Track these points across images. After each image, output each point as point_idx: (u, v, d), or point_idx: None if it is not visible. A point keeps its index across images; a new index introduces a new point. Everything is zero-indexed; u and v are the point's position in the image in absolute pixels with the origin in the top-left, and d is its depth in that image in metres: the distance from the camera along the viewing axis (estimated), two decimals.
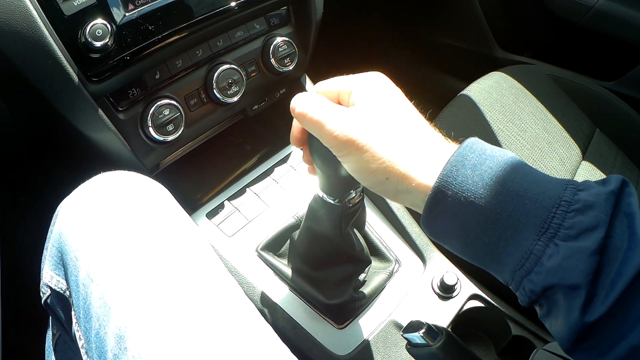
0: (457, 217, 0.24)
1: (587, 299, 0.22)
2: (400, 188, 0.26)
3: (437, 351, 0.34)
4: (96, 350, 0.33)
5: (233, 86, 0.48)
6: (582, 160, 0.64)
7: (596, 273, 0.22)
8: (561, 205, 0.23)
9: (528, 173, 0.24)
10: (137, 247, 0.34)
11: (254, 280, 0.45)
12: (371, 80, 0.29)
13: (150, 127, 0.44)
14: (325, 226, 0.37)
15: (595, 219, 0.22)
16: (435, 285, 0.48)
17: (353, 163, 0.28)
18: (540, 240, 0.22)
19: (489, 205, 0.23)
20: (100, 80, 0.40)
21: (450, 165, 0.25)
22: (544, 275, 0.23)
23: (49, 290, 0.39)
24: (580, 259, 0.22)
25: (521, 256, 0.23)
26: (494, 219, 0.23)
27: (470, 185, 0.24)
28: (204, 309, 0.33)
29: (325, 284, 0.42)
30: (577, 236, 0.22)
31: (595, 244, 0.22)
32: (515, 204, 0.23)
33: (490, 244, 0.24)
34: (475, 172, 0.24)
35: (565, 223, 0.22)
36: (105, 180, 0.38)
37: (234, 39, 0.49)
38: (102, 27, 0.38)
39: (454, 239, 0.25)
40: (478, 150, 0.25)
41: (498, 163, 0.24)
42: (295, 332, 0.42)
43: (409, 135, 0.27)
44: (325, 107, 0.29)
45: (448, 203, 0.24)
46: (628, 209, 0.23)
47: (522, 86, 0.67)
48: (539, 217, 0.23)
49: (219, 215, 0.49)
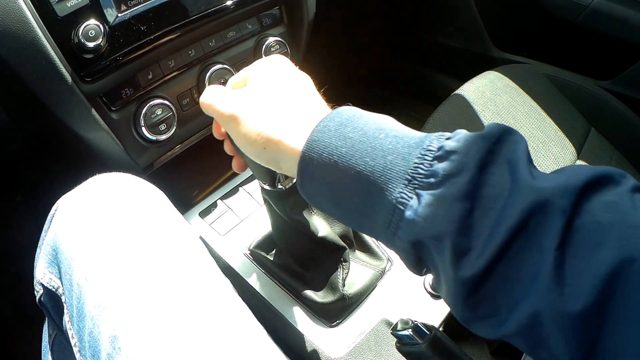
0: (327, 180, 0.24)
1: (458, 251, 0.20)
2: (276, 156, 0.27)
3: (425, 349, 0.34)
4: (89, 350, 0.33)
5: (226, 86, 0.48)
6: (577, 160, 0.64)
7: (464, 221, 0.20)
8: (425, 155, 0.21)
9: (398, 130, 0.23)
10: (132, 248, 0.35)
11: (246, 279, 0.45)
12: (268, 64, 0.31)
13: (143, 126, 0.44)
14: (280, 211, 0.38)
15: (459, 164, 0.20)
16: (428, 284, 0.48)
17: (235, 135, 0.29)
18: (403, 192, 0.21)
19: (354, 164, 0.23)
20: (94, 80, 0.41)
21: (317, 130, 0.25)
22: (408, 229, 0.21)
23: (42, 289, 0.39)
24: (441, 205, 0.20)
25: (388, 212, 0.22)
26: (360, 178, 0.23)
27: (335, 146, 0.23)
28: (197, 309, 0.33)
29: (315, 282, 0.43)
30: (440, 184, 0.21)
31: (458, 190, 0.20)
32: (379, 160, 0.22)
33: (360, 205, 0.23)
34: (340, 132, 0.24)
35: (427, 171, 0.21)
36: (102, 181, 0.39)
37: (226, 39, 0.49)
38: (95, 27, 0.38)
39: (327, 203, 0.25)
40: (348, 113, 0.25)
41: (366, 123, 0.24)
42: (286, 331, 0.43)
43: (286, 107, 0.28)
44: (218, 92, 0.31)
45: (315, 165, 0.24)
46: (511, 156, 0.21)
47: (517, 85, 0.67)
48: (404, 169, 0.21)
49: (211, 214, 0.49)
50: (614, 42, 0.78)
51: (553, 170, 0.22)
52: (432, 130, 0.60)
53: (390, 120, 0.25)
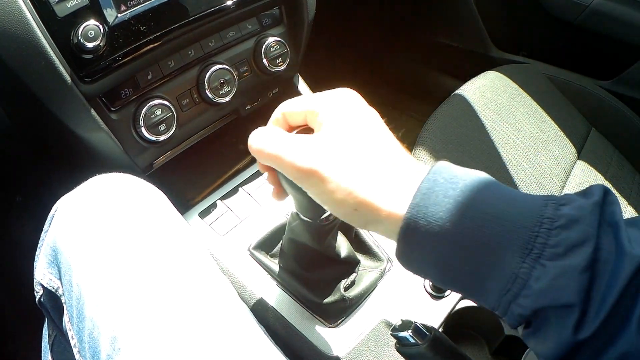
0: (434, 249, 0.23)
1: (580, 317, 0.21)
2: (370, 219, 0.25)
3: (425, 350, 0.34)
4: (89, 351, 0.33)
5: (225, 86, 0.48)
6: (578, 160, 0.64)
7: (588, 290, 0.21)
8: (544, 222, 0.21)
9: (504, 193, 0.23)
10: (132, 249, 0.35)
11: (246, 280, 0.45)
12: (339, 101, 0.27)
13: (142, 127, 0.44)
14: (306, 239, 0.37)
15: (582, 233, 0.21)
16: (427, 285, 0.48)
17: (318, 195, 0.26)
18: (525, 263, 0.21)
19: (465, 232, 0.22)
20: (93, 80, 0.41)
21: (420, 193, 0.23)
22: (533, 298, 0.21)
23: (42, 289, 0.39)
24: (572, 277, 0.21)
25: (506, 281, 0.22)
26: (472, 246, 0.22)
27: (443, 212, 0.22)
28: (197, 310, 0.33)
29: (316, 284, 0.43)
30: (565, 253, 0.21)
31: (585, 260, 0.21)
32: (493, 227, 0.22)
33: (471, 273, 0.23)
34: (446, 198, 0.23)
35: (551, 241, 0.21)
36: (101, 182, 0.39)
37: (226, 39, 0.49)
38: (95, 28, 0.38)
39: (433, 270, 0.24)
40: (448, 173, 0.24)
41: (471, 186, 0.23)
42: (287, 332, 0.43)
43: (376, 162, 0.25)
44: (282, 138, 0.27)
45: (422, 234, 0.23)
46: (612, 219, 0.22)
47: (517, 85, 0.67)
48: (521, 238, 0.21)
49: (211, 215, 0.49)
50: (614, 42, 0.78)
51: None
52: (432, 130, 0.60)
53: (490, 180, 0.24)
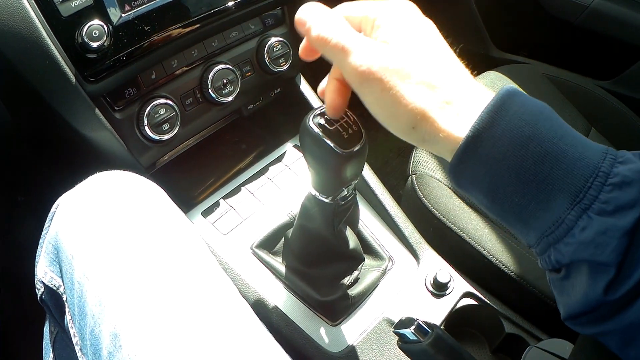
0: (488, 172, 0.23)
1: (613, 279, 0.21)
2: (428, 137, 0.24)
3: (427, 347, 0.34)
4: (91, 348, 0.33)
5: (228, 86, 0.48)
6: None
7: (625, 253, 0.21)
8: (599, 176, 0.21)
9: (566, 133, 0.22)
10: (133, 246, 0.35)
11: (249, 278, 0.45)
12: (399, 10, 0.26)
13: (146, 126, 0.44)
14: (318, 224, 0.37)
15: (633, 197, 0.21)
16: (429, 283, 0.48)
17: (376, 104, 0.25)
18: (574, 210, 0.21)
19: (523, 164, 0.22)
20: (97, 80, 0.41)
21: (486, 113, 0.22)
22: (574, 247, 0.22)
23: (43, 287, 0.39)
24: (614, 236, 0.21)
25: (552, 223, 0.22)
26: (527, 179, 0.22)
27: (504, 140, 0.22)
28: (198, 308, 0.34)
29: (319, 282, 0.43)
30: (613, 212, 0.21)
31: (630, 223, 0.21)
32: (551, 167, 0.22)
33: (520, 205, 0.22)
34: (511, 125, 0.22)
35: (602, 196, 0.21)
36: (103, 179, 0.39)
37: (229, 39, 0.49)
38: (99, 27, 0.38)
39: (481, 193, 0.24)
40: (514, 103, 0.23)
41: (535, 118, 0.22)
42: (289, 329, 0.43)
43: (439, 78, 0.24)
44: (350, 34, 0.25)
45: (480, 156, 0.23)
46: None
47: (517, 85, 0.67)
48: (575, 185, 0.21)
49: (214, 214, 0.49)
50: (613, 42, 0.78)
51: None
52: None
53: (553, 115, 0.23)
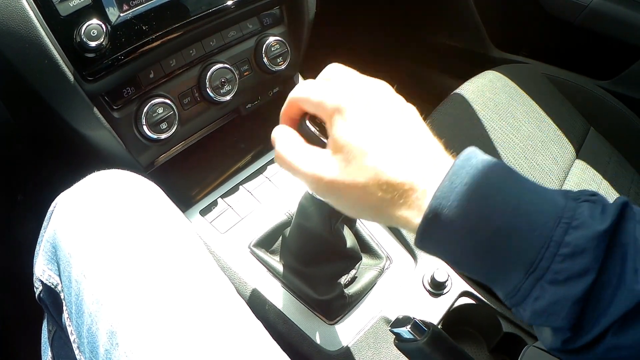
0: (448, 252, 0.25)
1: (569, 337, 0.22)
2: (391, 223, 0.26)
3: (423, 346, 0.34)
4: (88, 346, 0.33)
5: (226, 85, 0.48)
6: (576, 159, 0.65)
7: (579, 317, 0.22)
8: (550, 246, 0.22)
9: (520, 202, 0.23)
10: (131, 245, 0.35)
11: (246, 277, 0.45)
12: (356, 105, 0.27)
13: (144, 125, 0.44)
14: (315, 223, 0.38)
15: (585, 266, 0.21)
16: (426, 282, 0.48)
17: (336, 206, 0.28)
18: (528, 280, 0.22)
19: (478, 242, 0.23)
20: (96, 79, 0.41)
21: (434, 201, 0.23)
22: (530, 314, 0.23)
23: (41, 285, 0.39)
24: (565, 305, 0.22)
25: (511, 289, 0.23)
26: (485, 254, 0.24)
27: (457, 224, 0.23)
28: (195, 306, 0.34)
29: (316, 280, 0.43)
30: (565, 281, 0.22)
31: (581, 292, 0.21)
32: (504, 241, 0.23)
33: (482, 273, 0.25)
34: (460, 208, 0.23)
35: (554, 267, 0.22)
36: (101, 178, 0.39)
37: (227, 38, 0.49)
38: (97, 27, 0.39)
39: (447, 260, 0.26)
40: (464, 180, 0.23)
41: (484, 195, 0.23)
42: (286, 328, 0.43)
43: (391, 173, 0.25)
44: (297, 150, 0.28)
45: (437, 239, 0.24)
46: (623, 238, 0.22)
47: (516, 85, 0.67)
48: (528, 256, 0.22)
49: (212, 212, 0.49)
50: (613, 42, 0.78)
51: None
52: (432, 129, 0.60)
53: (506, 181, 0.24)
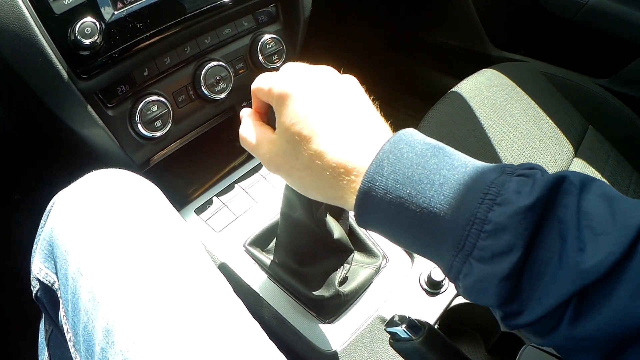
0: (384, 230, 0.26)
1: (508, 314, 0.22)
2: (336, 203, 0.28)
3: (419, 345, 0.34)
4: (84, 344, 0.33)
5: (221, 83, 0.48)
6: (575, 157, 0.64)
7: (511, 293, 0.21)
8: (475, 223, 0.22)
9: (446, 179, 0.23)
10: (127, 243, 0.35)
11: (242, 275, 0.45)
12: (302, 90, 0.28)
13: (138, 123, 0.44)
14: (300, 212, 0.38)
15: (507, 243, 0.21)
16: (423, 281, 0.48)
17: (289, 185, 0.30)
18: (458, 257, 0.23)
19: (407, 222, 0.24)
20: (90, 77, 0.41)
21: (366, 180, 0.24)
22: (463, 290, 0.24)
23: (38, 284, 0.39)
24: (492, 284, 0.21)
25: (446, 266, 0.24)
26: (416, 234, 0.24)
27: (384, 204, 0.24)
28: (191, 304, 0.34)
29: (311, 279, 0.43)
30: (491, 259, 0.21)
31: (506, 270, 0.21)
32: (431, 221, 0.23)
33: (420, 251, 0.25)
34: (387, 189, 0.24)
35: (479, 244, 0.22)
36: (98, 177, 0.39)
37: (222, 36, 0.49)
38: (92, 25, 0.39)
39: (387, 237, 0.26)
40: (391, 161, 0.24)
41: (408, 176, 0.24)
42: (282, 328, 0.43)
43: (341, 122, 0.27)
44: (254, 133, 0.31)
45: (371, 219, 0.25)
46: (562, 215, 0.21)
47: (514, 83, 0.67)
48: (456, 233, 0.22)
49: (207, 211, 0.49)
50: (611, 40, 0.78)
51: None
52: (428, 127, 0.60)
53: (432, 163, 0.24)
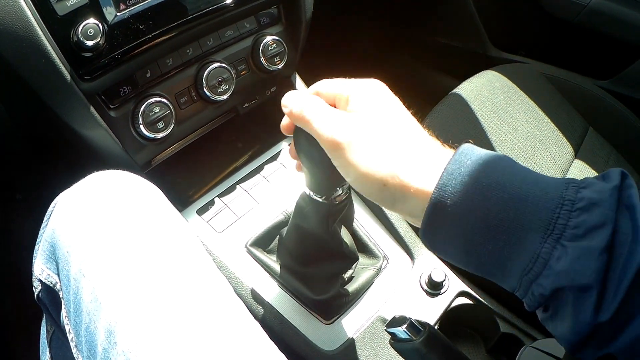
0: (459, 227, 0.24)
1: (599, 299, 0.21)
2: (398, 196, 0.26)
3: (419, 346, 0.34)
4: (86, 344, 0.33)
5: (223, 84, 0.48)
6: (575, 159, 0.64)
7: (605, 271, 0.21)
8: (565, 204, 0.22)
9: (527, 175, 0.24)
10: (129, 244, 0.35)
11: (243, 276, 0.45)
12: (369, 88, 0.29)
13: (141, 124, 0.44)
14: (313, 223, 0.37)
15: (602, 216, 0.22)
16: (424, 282, 0.48)
17: (345, 168, 0.27)
18: (547, 243, 0.22)
19: (490, 212, 0.23)
20: (92, 78, 0.41)
21: (447, 173, 0.24)
22: (553, 278, 0.22)
23: (40, 285, 0.39)
24: (591, 258, 0.21)
25: (528, 261, 0.23)
26: (496, 225, 0.23)
27: (469, 192, 0.23)
28: (193, 305, 0.34)
29: (313, 280, 0.43)
30: (585, 235, 0.22)
31: (604, 242, 0.21)
32: (517, 208, 0.23)
33: (494, 252, 0.23)
34: (472, 178, 0.24)
35: (571, 222, 0.22)
36: (100, 178, 0.39)
37: (224, 37, 0.49)
38: (94, 26, 0.39)
39: (456, 249, 0.25)
40: (474, 155, 0.25)
41: (494, 167, 0.24)
42: (283, 328, 0.43)
43: (405, 143, 0.27)
44: (321, 107, 0.29)
45: (448, 213, 0.24)
46: (629, 201, 0.22)
47: (514, 85, 0.67)
48: (543, 219, 0.22)
49: (209, 212, 0.49)
50: (612, 41, 0.78)
51: None
52: (430, 128, 0.60)
53: (512, 162, 0.25)
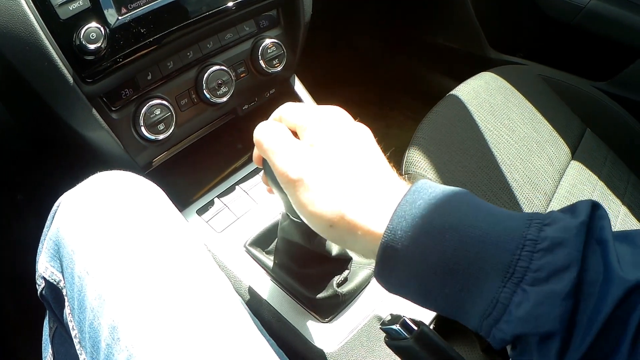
0: (412, 271, 0.22)
1: (563, 345, 0.20)
2: (346, 237, 0.25)
3: (413, 344, 0.35)
4: (89, 341, 0.34)
5: (222, 87, 0.49)
6: (572, 160, 0.65)
7: (571, 316, 0.20)
8: (526, 245, 0.20)
9: (487, 213, 0.22)
10: (132, 243, 0.36)
11: (242, 275, 0.46)
12: (328, 118, 0.28)
13: (142, 126, 0.45)
14: (296, 237, 0.38)
15: (567, 257, 0.20)
16: None
17: (296, 204, 0.26)
18: (507, 287, 0.20)
19: (445, 255, 0.21)
20: (94, 81, 0.42)
21: (397, 216, 0.22)
22: (514, 324, 0.21)
23: (44, 282, 0.40)
24: (554, 304, 0.20)
25: (487, 305, 0.21)
26: (452, 270, 0.21)
27: (421, 236, 0.22)
28: (194, 303, 0.34)
29: (310, 280, 0.44)
30: (548, 279, 0.20)
31: (569, 285, 0.20)
32: (475, 251, 0.21)
33: (451, 295, 0.22)
34: (424, 220, 0.22)
35: (533, 265, 0.20)
36: (103, 179, 0.40)
37: (223, 40, 0.50)
38: (96, 30, 0.39)
39: (412, 293, 0.24)
40: (426, 194, 0.23)
41: (450, 207, 0.22)
42: (281, 326, 0.44)
43: (357, 180, 0.25)
44: (280, 139, 0.27)
45: (400, 257, 0.22)
46: (600, 236, 0.21)
47: (512, 86, 0.67)
48: (503, 262, 0.20)
49: (209, 212, 0.50)
50: (610, 43, 0.78)
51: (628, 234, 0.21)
52: (426, 130, 0.61)
53: (471, 198, 0.23)
